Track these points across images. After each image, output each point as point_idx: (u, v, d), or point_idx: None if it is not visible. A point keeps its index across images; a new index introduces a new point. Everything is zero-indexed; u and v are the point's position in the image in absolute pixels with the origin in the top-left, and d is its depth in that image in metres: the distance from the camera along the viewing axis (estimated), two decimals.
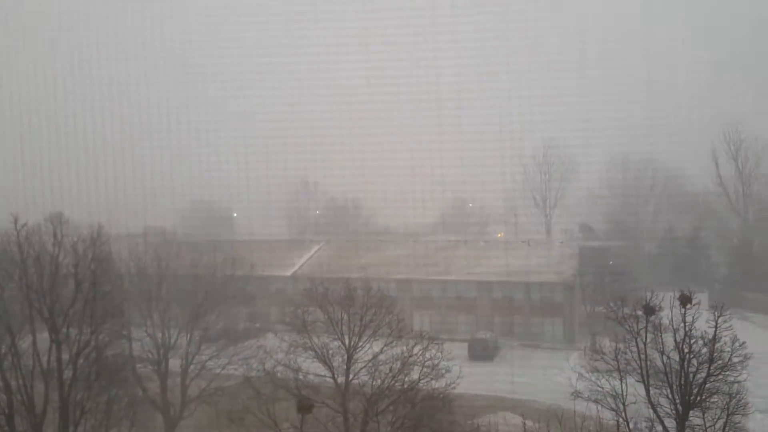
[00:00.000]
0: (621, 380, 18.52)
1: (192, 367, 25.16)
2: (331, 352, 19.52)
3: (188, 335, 25.79)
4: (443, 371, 19.44)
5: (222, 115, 54.27)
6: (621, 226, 53.21)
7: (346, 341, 19.63)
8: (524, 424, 15.25)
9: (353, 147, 50.15)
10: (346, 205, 60.62)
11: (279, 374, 19.45)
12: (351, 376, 19.23)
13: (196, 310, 26.48)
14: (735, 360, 17.77)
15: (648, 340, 18.69)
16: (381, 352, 19.71)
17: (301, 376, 19.27)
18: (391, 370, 19.00)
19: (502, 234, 58.65)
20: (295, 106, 52.88)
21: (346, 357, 19.41)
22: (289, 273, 46.79)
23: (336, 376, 19.23)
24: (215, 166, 50.74)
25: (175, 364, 25.33)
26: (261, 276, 43.59)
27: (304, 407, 17.16)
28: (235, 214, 59.84)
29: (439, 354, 19.73)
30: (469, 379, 23.32)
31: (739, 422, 17.76)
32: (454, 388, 19.42)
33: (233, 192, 51.93)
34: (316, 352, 19.62)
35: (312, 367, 19.89)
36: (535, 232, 57.21)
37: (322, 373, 19.64)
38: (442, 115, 49.75)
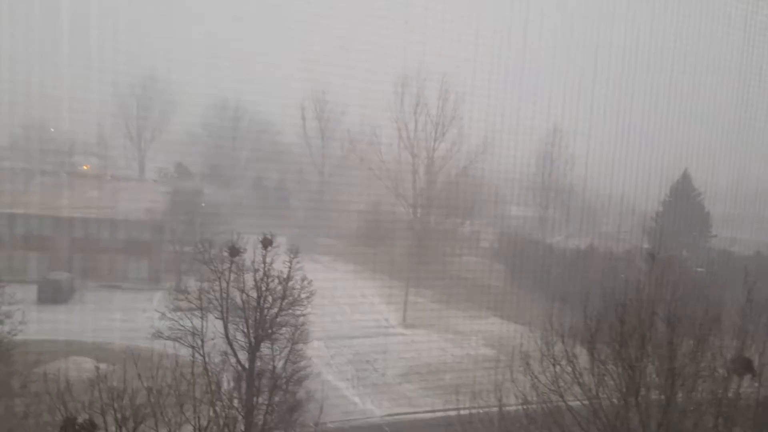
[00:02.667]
0: (202, 318, 19.08)
1: None
2: None
3: None
4: (2, 317, 16.92)
5: None
6: (216, 170, 54.34)
7: None
8: (97, 368, 14.30)
9: None
10: None
11: None
12: None
13: None
14: (303, 296, 20.06)
15: (231, 279, 19.63)
16: None
17: None
18: None
19: (89, 167, 53.69)
20: None
21: None
22: None
23: None
24: None
25: None
26: None
27: None
28: None
29: None
30: (37, 324, 20.98)
31: (300, 349, 20.14)
32: (16, 334, 17.15)
33: None
34: None
35: None
36: (128, 168, 54.16)
37: None
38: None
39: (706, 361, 14.07)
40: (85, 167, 53.02)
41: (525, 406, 14.46)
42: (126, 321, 30.05)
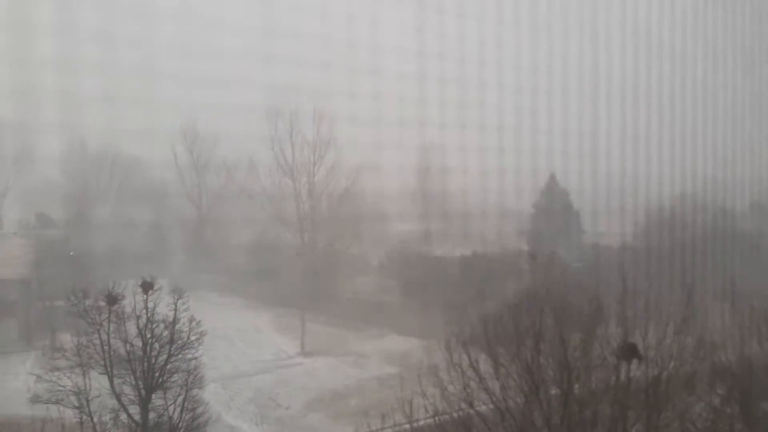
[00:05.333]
0: (84, 375, 17.73)
1: None
2: None
3: None
4: None
5: None
6: (83, 215, 50.86)
7: None
8: None
9: None
10: None
11: None
12: None
13: None
14: (193, 338, 19.11)
15: (111, 330, 18.38)
16: None
17: None
18: None
19: None
20: None
21: None
22: None
23: None
24: None
25: None
26: None
27: None
28: None
29: None
30: None
31: (196, 395, 19.13)
32: None
33: None
34: None
35: None
36: None
37: None
38: None
39: (596, 351, 14.87)
40: None
41: (436, 418, 14.54)
42: None
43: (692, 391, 14.96)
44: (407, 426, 14.93)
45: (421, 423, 15.15)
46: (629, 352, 13.95)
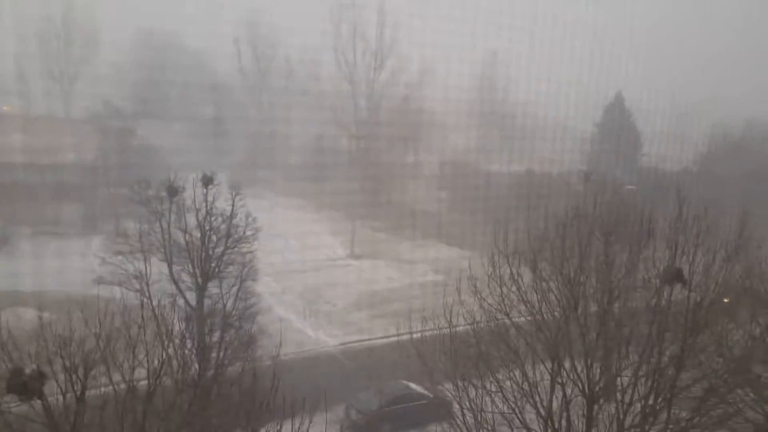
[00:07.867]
0: (145, 261, 18.84)
1: None
2: None
3: None
4: None
5: None
6: (147, 106, 52.07)
7: None
8: (40, 317, 13.91)
9: None
10: None
11: None
12: None
13: None
14: (248, 233, 19.97)
15: (172, 220, 19.31)
16: None
17: None
18: None
19: (11, 107, 50.52)
20: None
21: None
22: None
23: None
24: None
25: None
26: None
27: None
28: None
29: None
30: None
31: (249, 287, 20.22)
32: None
33: None
34: None
35: None
36: (53, 108, 51.29)
37: None
38: None
39: (641, 273, 14.84)
40: (6, 108, 49.71)
41: (473, 326, 15.03)
42: (66, 268, 29.19)
43: (733, 319, 14.88)
44: (446, 331, 15.46)
45: (459, 329, 15.66)
46: (674, 276, 13.82)
